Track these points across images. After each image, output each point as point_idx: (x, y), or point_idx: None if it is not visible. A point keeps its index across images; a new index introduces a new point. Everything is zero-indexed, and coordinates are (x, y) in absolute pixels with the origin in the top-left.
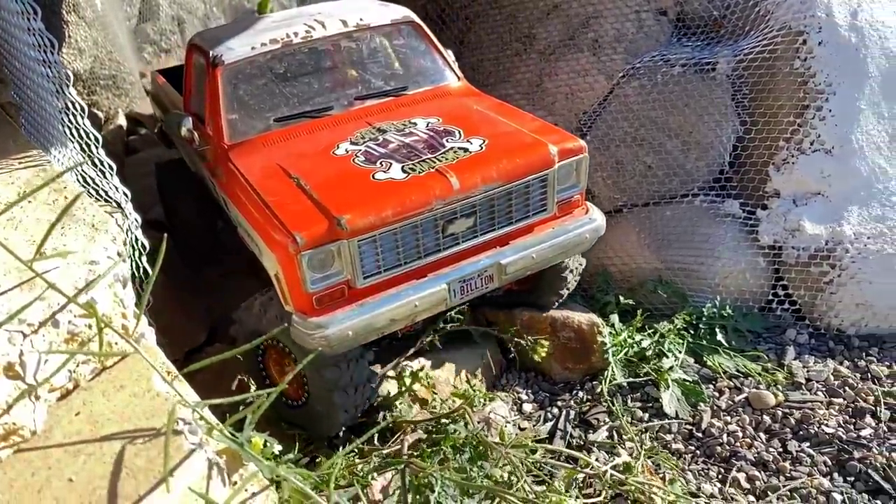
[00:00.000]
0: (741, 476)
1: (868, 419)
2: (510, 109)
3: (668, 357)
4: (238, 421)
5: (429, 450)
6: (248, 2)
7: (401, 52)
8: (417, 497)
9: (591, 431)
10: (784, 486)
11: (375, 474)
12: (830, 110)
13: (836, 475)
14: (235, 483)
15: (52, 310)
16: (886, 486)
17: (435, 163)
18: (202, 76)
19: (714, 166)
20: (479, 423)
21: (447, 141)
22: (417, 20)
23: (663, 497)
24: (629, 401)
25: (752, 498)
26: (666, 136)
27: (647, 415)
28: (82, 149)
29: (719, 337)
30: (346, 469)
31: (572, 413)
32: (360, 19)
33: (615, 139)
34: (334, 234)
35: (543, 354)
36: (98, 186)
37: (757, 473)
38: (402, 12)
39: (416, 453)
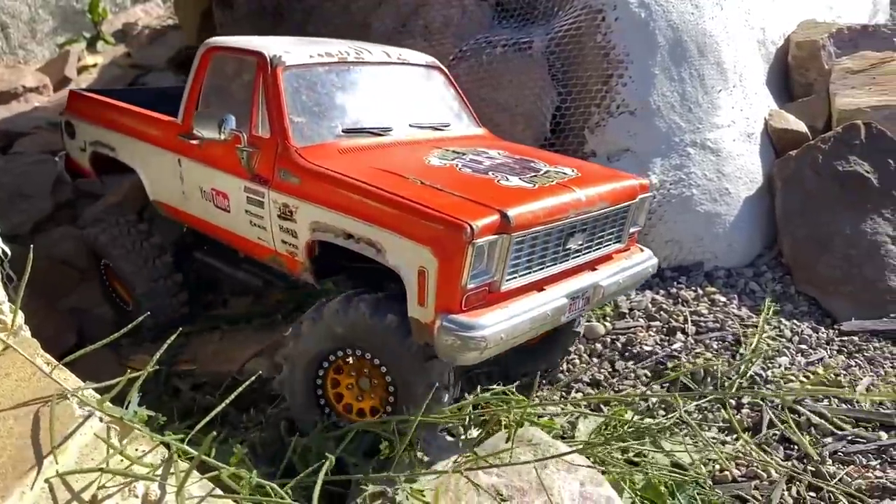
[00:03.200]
0: (579, 396)
1: (679, 335)
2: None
3: None
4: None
5: None
6: (76, 2)
7: (437, 93)
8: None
9: None
10: (613, 400)
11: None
12: (631, 77)
13: (653, 384)
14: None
15: None
16: (686, 381)
17: (549, 179)
18: (239, 78)
19: (539, 134)
20: None
21: (537, 165)
22: (445, 69)
23: (513, 415)
24: None
25: (587, 411)
26: (495, 111)
27: None
28: None
29: None
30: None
31: None
32: (400, 55)
33: None
34: (502, 228)
35: None
36: None
37: (592, 391)
38: (433, 59)
39: None
